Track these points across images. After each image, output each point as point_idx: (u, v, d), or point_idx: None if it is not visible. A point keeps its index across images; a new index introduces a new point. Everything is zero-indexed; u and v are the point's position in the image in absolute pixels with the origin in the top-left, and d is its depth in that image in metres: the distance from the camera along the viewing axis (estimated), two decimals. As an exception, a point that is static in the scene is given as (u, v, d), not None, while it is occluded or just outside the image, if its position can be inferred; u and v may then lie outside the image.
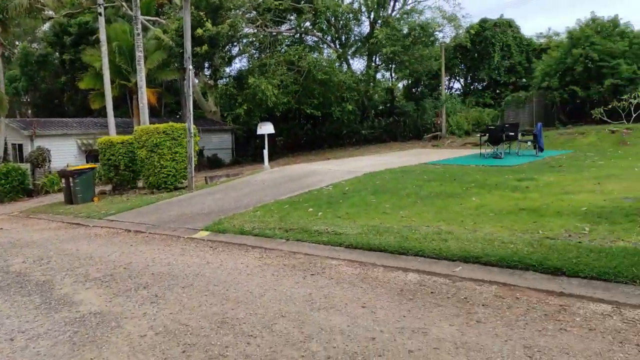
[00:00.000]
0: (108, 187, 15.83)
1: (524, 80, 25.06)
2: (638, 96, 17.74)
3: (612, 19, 19.83)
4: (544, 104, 21.37)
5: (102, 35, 17.31)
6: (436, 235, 5.35)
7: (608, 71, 18.72)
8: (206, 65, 26.67)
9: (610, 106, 18.41)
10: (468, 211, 6.68)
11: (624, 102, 18.02)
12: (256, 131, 33.89)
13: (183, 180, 13.78)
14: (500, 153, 13.76)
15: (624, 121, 18.13)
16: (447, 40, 24.66)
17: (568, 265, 3.91)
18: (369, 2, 24.94)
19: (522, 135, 14.91)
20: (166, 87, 37.72)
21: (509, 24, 25.51)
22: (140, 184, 15.68)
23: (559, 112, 20.64)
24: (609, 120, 18.50)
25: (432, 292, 3.94)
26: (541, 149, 13.93)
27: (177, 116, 38.56)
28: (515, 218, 5.92)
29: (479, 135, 15.43)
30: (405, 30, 23.10)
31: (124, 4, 23.67)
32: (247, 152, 33.48)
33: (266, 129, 14.26)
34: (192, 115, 12.69)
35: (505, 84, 25.35)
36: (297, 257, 5.55)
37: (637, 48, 18.85)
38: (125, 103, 30.07)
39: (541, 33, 27.53)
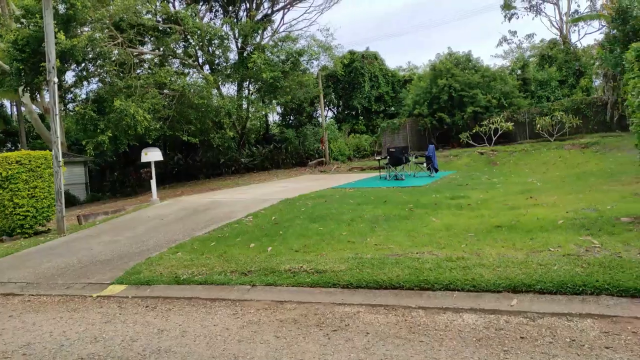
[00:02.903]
0: None
1: (392, 108, 26.75)
2: (495, 122, 20.04)
3: (466, 54, 22.38)
4: (416, 130, 22.94)
5: None
6: (450, 262, 4.61)
7: (468, 100, 20.88)
8: (46, 87, 22.69)
9: (474, 131, 20.46)
10: (441, 233, 6.13)
11: (484, 127, 20.18)
12: (108, 163, 30.16)
13: (45, 222, 10.93)
14: (402, 175, 13.96)
15: (487, 144, 20.28)
16: (322, 69, 25.11)
17: (646, 284, 3.49)
18: (237, 28, 24.24)
19: (416, 157, 15.45)
20: (-7, 113, 31.49)
21: (375, 56, 27.17)
22: (-23, 230, 12.06)
23: (431, 137, 22.32)
24: (474, 144, 20.52)
25: (522, 338, 3.13)
26: (436, 170, 14.54)
27: (5, 147, 32.37)
28: (503, 237, 5.52)
29: (378, 158, 15.58)
30: (283, 57, 22.87)
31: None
32: (103, 188, 29.38)
33: (152, 155, 12.19)
34: (59, 140, 10.18)
35: (376, 112, 26.72)
36: (288, 307, 4.26)
37: (487, 80, 21.45)
38: None
39: (401, 66, 29.99)
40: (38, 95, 23.48)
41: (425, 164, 14.71)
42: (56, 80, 10.42)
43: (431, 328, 3.45)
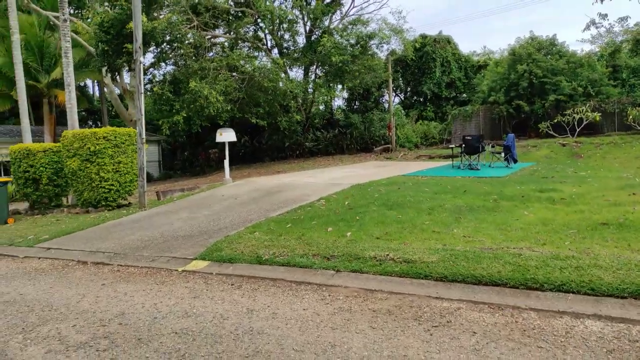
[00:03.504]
0: (23, 206, 12.85)
1: (464, 95, 25.59)
2: (580, 111, 18.56)
3: (550, 38, 20.82)
4: (490, 118, 21.80)
5: (13, 21, 14.22)
6: (558, 261, 4.19)
7: (550, 87, 19.47)
8: (126, 68, 23.74)
9: (555, 121, 19.09)
10: (537, 227, 5.66)
11: (567, 117, 18.76)
12: (179, 143, 31.33)
13: (127, 196, 11.48)
14: (477, 165, 13.27)
15: (569, 135, 18.87)
16: (390, 53, 24.44)
17: None
18: (306, 11, 24.03)
19: (492, 147, 14.64)
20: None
21: (448, 40, 26.02)
22: (66, 201, 12.95)
23: (506, 125, 21.13)
24: (554, 134, 19.17)
25: (667, 353, 2.72)
26: (515, 161, 13.70)
27: (87, 125, 34.55)
28: (613, 236, 4.98)
29: (451, 146, 14.94)
30: (353, 40, 22.44)
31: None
32: (174, 166, 30.72)
33: (227, 136, 12.40)
34: (143, 117, 10.54)
35: (446, 99, 25.69)
36: (379, 297, 4.06)
37: (573, 67, 19.86)
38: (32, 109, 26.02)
39: (475, 51, 28.56)
40: (118, 76, 24.73)
41: (502, 154, 13.89)
42: (142, 59, 10.77)
43: (548, 333, 3.11)
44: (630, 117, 17.70)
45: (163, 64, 21.70)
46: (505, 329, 3.23)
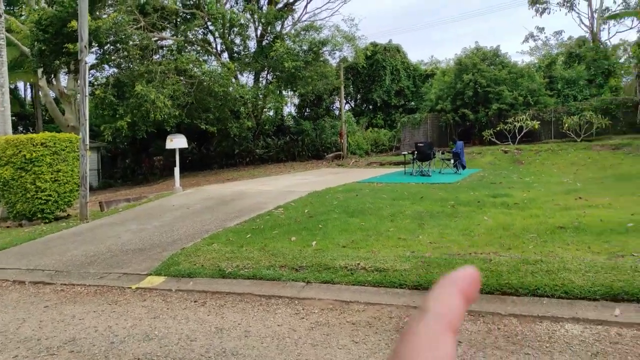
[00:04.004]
0: (-56, 219, 11.59)
1: (412, 103, 26.24)
2: (520, 120, 19.54)
3: (494, 49, 21.82)
4: (437, 126, 22.46)
5: None
6: (528, 265, 4.20)
7: (494, 96, 20.36)
8: (64, 70, 22.30)
9: (498, 128, 19.97)
10: (499, 232, 5.75)
11: (509, 125, 19.68)
12: (120, 150, 29.89)
13: (66, 208, 10.65)
14: (428, 171, 13.55)
15: (510, 142, 19.79)
16: (342, 60, 24.63)
17: None
18: (257, 15, 23.80)
19: (442, 154, 15.03)
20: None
21: (397, 49, 26.63)
22: (-4, 213, 11.83)
23: (453, 133, 21.85)
24: (497, 142, 20.04)
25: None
26: (464, 167, 14.12)
27: (18, 131, 32.16)
28: (572, 239, 5.14)
29: (404, 153, 15.18)
30: (305, 47, 22.39)
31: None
32: (114, 175, 29.22)
33: (178, 142, 11.86)
34: (87, 122, 9.85)
35: (395, 106, 26.23)
36: (355, 309, 3.91)
37: (514, 77, 20.90)
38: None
39: (422, 60, 29.44)
40: (54, 79, 23.15)
41: (452, 161, 14.29)
42: (87, 60, 10.09)
43: (532, 339, 3.08)
44: (566, 125, 18.85)
45: (106, 66, 20.60)
46: (489, 336, 3.17)
